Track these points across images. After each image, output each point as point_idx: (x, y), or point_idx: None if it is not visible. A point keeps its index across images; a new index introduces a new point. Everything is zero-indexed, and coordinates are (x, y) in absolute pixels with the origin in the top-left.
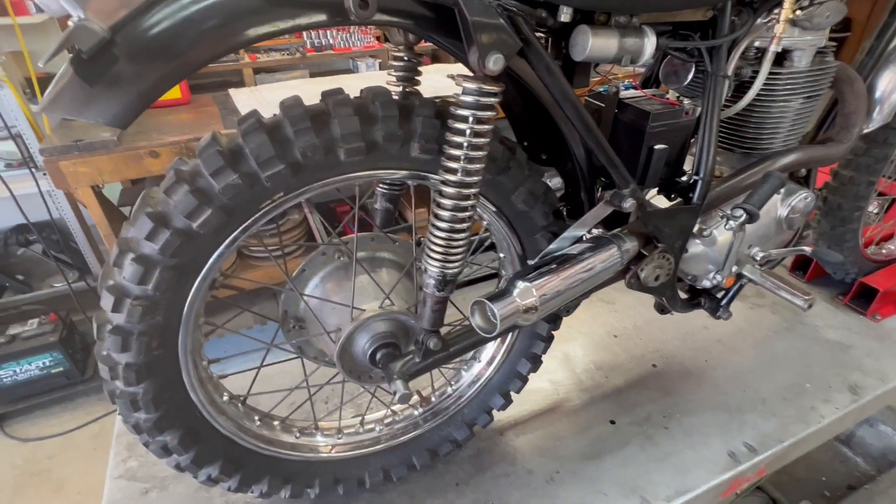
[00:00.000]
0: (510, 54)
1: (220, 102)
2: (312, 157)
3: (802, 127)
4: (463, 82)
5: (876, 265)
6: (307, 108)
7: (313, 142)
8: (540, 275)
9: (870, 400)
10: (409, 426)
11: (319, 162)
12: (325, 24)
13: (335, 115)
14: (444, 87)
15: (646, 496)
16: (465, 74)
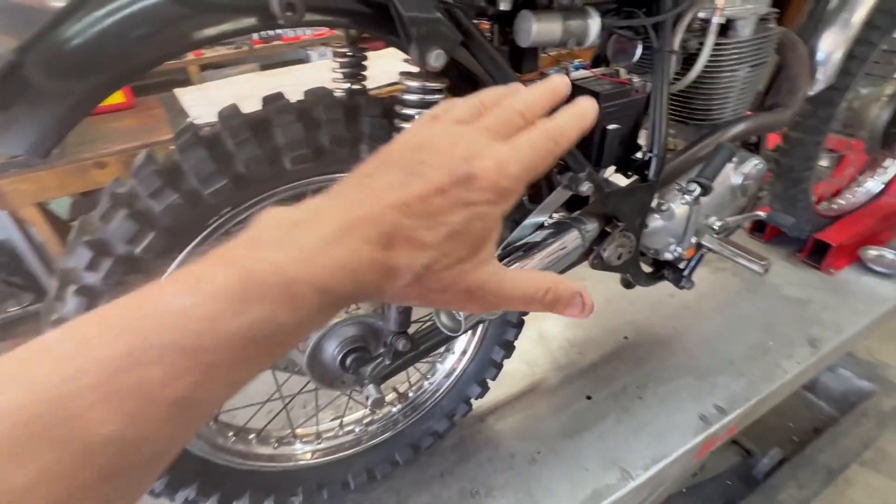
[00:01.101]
0: (451, 48)
1: (167, 104)
2: (257, 168)
3: (750, 95)
4: (406, 81)
5: (828, 220)
6: (247, 117)
7: (256, 153)
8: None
9: (828, 351)
10: (389, 424)
11: (265, 173)
12: (254, 28)
13: (277, 122)
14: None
15: (625, 467)
16: (408, 72)
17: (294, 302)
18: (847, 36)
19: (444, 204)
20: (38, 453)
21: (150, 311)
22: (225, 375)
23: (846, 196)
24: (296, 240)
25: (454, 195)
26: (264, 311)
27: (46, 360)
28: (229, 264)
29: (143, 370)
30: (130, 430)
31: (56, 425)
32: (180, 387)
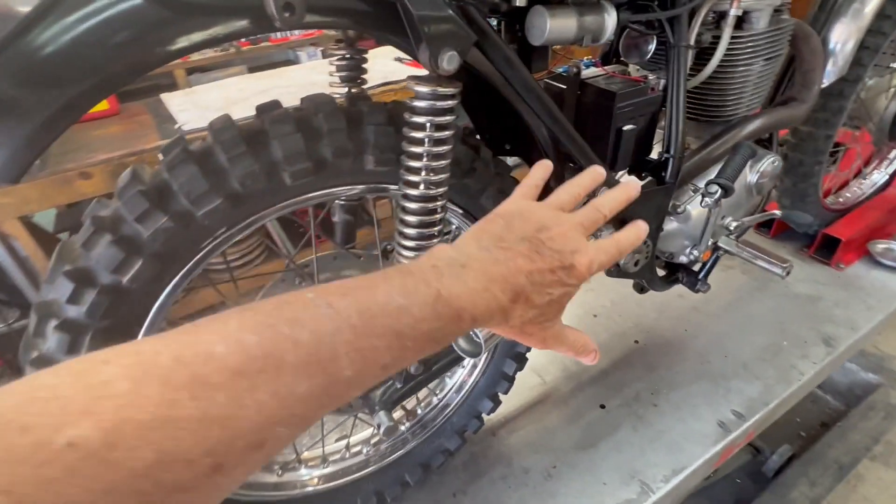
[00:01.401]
0: (465, 49)
1: (153, 110)
2: (253, 185)
3: (764, 90)
4: (415, 86)
5: (835, 214)
6: (241, 128)
7: (252, 168)
8: None
9: (844, 350)
10: (398, 443)
11: (262, 189)
12: (247, 32)
13: (274, 134)
14: (392, 72)
15: (645, 479)
16: (417, 76)
17: (458, 322)
18: (859, 26)
19: (552, 280)
20: (311, 376)
21: (378, 300)
22: (409, 357)
23: (853, 189)
24: (464, 280)
25: (558, 276)
26: (442, 323)
27: (313, 315)
28: (428, 285)
29: (373, 340)
30: (355, 379)
31: (322, 362)
32: (387, 358)
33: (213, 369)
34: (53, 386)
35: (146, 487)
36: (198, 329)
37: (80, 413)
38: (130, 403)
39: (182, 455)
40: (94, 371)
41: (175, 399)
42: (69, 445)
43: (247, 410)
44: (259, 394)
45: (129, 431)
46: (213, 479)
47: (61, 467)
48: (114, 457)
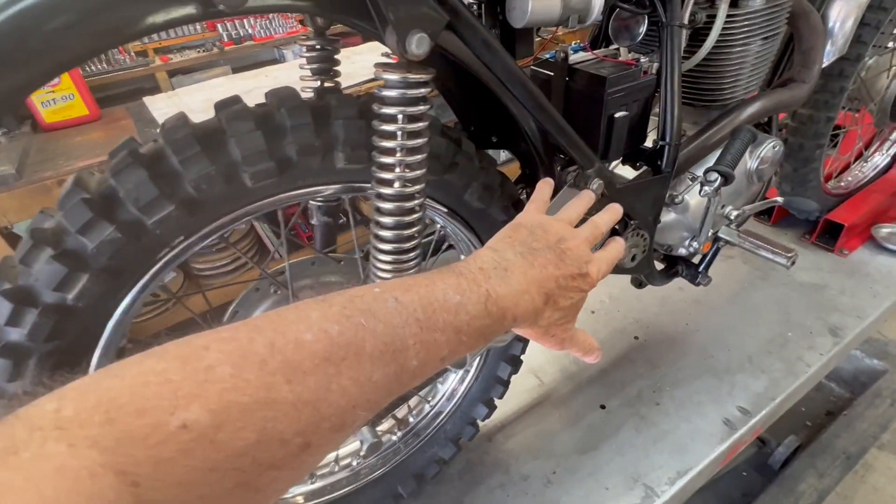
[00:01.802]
0: (436, 31)
1: (135, 114)
2: (210, 189)
3: (762, 71)
4: (383, 73)
5: (837, 199)
6: (195, 128)
7: (207, 171)
8: None
9: (851, 339)
10: (390, 454)
11: (221, 193)
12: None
13: (231, 132)
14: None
15: (649, 483)
16: (385, 63)
17: (502, 321)
18: (860, 2)
19: (573, 285)
20: (385, 364)
21: (437, 297)
22: (462, 351)
23: (854, 172)
24: (508, 282)
25: (577, 282)
26: (491, 320)
27: (382, 308)
28: (479, 285)
29: (434, 334)
30: (419, 369)
31: (394, 352)
32: (445, 350)
33: (304, 356)
34: (162, 371)
35: (245, 465)
36: (283, 317)
37: (190, 396)
38: (234, 387)
39: (278, 435)
40: (197, 356)
41: (272, 383)
42: (183, 427)
43: (332, 395)
44: (343, 379)
45: (234, 413)
46: (301, 457)
47: (176, 448)
48: (220, 437)
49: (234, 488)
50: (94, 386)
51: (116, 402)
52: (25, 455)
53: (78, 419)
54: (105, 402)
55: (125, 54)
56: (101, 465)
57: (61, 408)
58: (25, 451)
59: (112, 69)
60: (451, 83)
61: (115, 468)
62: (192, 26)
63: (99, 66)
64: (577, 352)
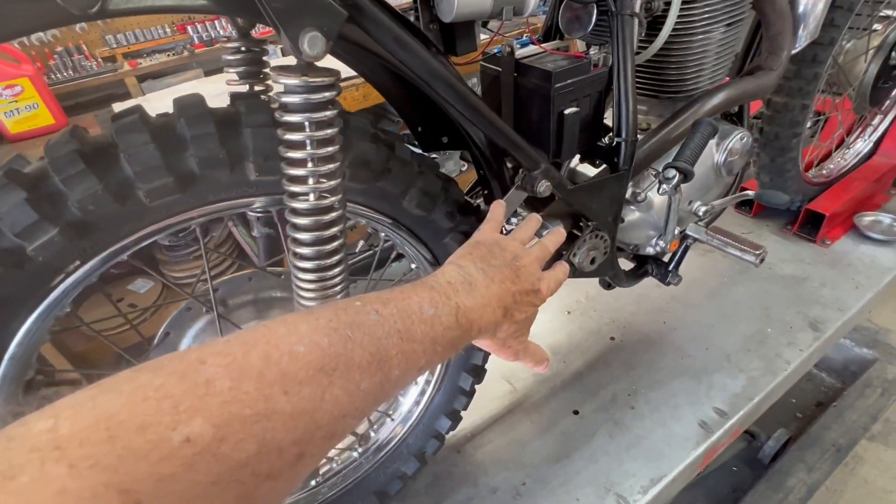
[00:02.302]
0: (332, 29)
1: (104, 122)
2: (99, 210)
3: (728, 59)
4: (280, 77)
5: (818, 188)
6: (84, 143)
7: (94, 190)
8: None
9: (832, 333)
10: (350, 471)
11: (114, 214)
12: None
13: (123, 146)
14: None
15: (621, 492)
16: (281, 66)
17: (469, 332)
18: None
19: (527, 300)
20: (372, 374)
21: (414, 309)
22: (436, 361)
23: (836, 160)
24: (474, 296)
25: (530, 297)
26: (461, 331)
27: (365, 320)
28: (449, 298)
29: (413, 345)
30: (400, 378)
31: (379, 362)
32: (423, 360)
33: (299, 367)
34: (161, 386)
35: (245, 477)
36: (273, 330)
37: (192, 410)
38: (234, 399)
39: (276, 445)
40: (194, 370)
41: (270, 394)
42: (186, 441)
43: (326, 404)
44: (335, 389)
45: (236, 426)
46: (296, 467)
47: (180, 463)
48: (223, 450)
49: (234, 501)
50: (90, 402)
51: (116, 419)
52: (24, 479)
53: (77, 438)
54: (104, 419)
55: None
56: (103, 485)
57: (57, 426)
58: (23, 475)
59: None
60: (389, 82)
61: (118, 487)
62: (161, 28)
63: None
64: (530, 362)
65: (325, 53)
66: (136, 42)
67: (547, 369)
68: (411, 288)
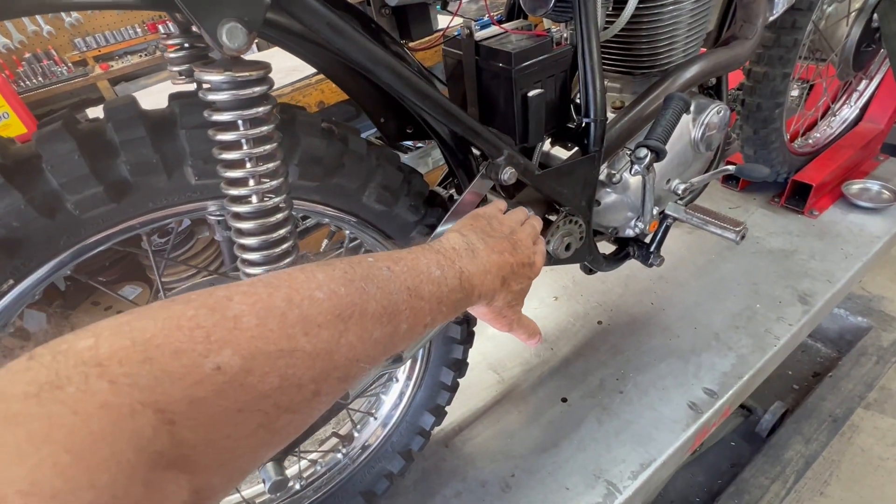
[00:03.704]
0: (255, 18)
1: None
2: (25, 225)
3: (702, 30)
4: (203, 75)
5: (805, 158)
6: (5, 155)
7: (16, 205)
8: None
9: (822, 306)
10: (335, 473)
11: (44, 228)
12: None
13: (46, 157)
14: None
15: (611, 479)
16: (203, 62)
17: (471, 296)
18: None
19: (523, 272)
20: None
21: (422, 270)
22: (439, 320)
23: (822, 128)
24: (476, 262)
25: (526, 270)
26: (464, 294)
27: (378, 275)
28: (453, 263)
29: (421, 302)
30: (408, 332)
31: (390, 314)
32: (428, 318)
33: (318, 311)
34: (193, 317)
35: (267, 408)
36: (293, 276)
37: (222, 342)
38: (260, 336)
39: (296, 381)
40: (223, 306)
41: (292, 334)
42: (217, 369)
43: (342, 348)
44: (350, 335)
45: (260, 360)
46: (312, 402)
47: (211, 388)
48: (249, 381)
49: (256, 429)
50: (127, 326)
51: (153, 343)
52: (70, 390)
53: (116, 357)
54: (141, 342)
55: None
56: (140, 403)
57: (98, 345)
58: (70, 386)
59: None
60: (344, 73)
61: (153, 406)
62: (132, 29)
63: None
64: (523, 335)
65: (248, 46)
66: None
67: (539, 343)
68: (419, 250)
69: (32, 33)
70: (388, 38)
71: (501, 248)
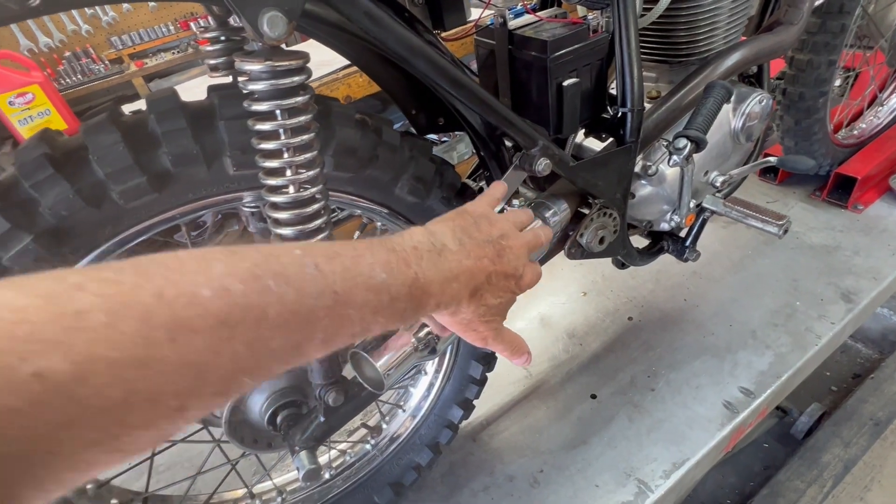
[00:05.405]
0: (295, 8)
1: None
2: (73, 214)
3: (743, 16)
4: (243, 64)
5: (849, 150)
6: (54, 146)
7: (65, 195)
8: None
9: (867, 304)
10: (364, 464)
11: (89, 218)
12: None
13: (93, 148)
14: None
15: (642, 477)
16: (245, 51)
17: (424, 306)
18: None
19: (504, 285)
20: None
21: (362, 271)
22: (375, 330)
23: (868, 119)
24: (439, 267)
25: (509, 283)
26: (413, 304)
27: (299, 273)
28: (409, 266)
29: (350, 310)
30: (324, 342)
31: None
32: (358, 328)
33: (195, 313)
34: (22, 308)
35: (107, 424)
36: (182, 264)
37: (51, 343)
38: (105, 338)
39: (150, 395)
40: (67, 297)
41: (152, 339)
42: (35, 376)
43: (221, 359)
44: (235, 343)
45: (101, 368)
46: (174, 419)
47: (26, 398)
48: (81, 392)
49: (89, 445)
50: None
51: None
52: None
53: None
54: None
55: (100, 62)
56: None
57: None
58: None
59: (87, 80)
60: (377, 65)
61: None
62: (165, 27)
63: (74, 77)
64: (504, 351)
65: (288, 34)
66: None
67: (527, 364)
68: (368, 246)
69: (72, 32)
70: (422, 28)
71: (481, 253)
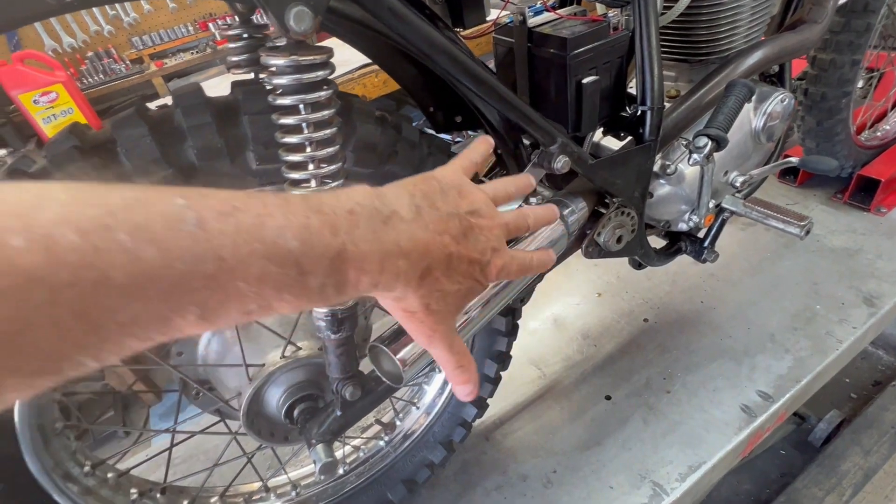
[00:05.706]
0: (320, 3)
1: None
2: None
3: (766, 14)
4: (269, 58)
5: (872, 152)
6: (84, 140)
7: None
8: None
9: (890, 308)
10: (377, 460)
11: None
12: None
13: (121, 142)
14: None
15: (657, 480)
16: (270, 46)
17: (354, 285)
18: None
19: (465, 270)
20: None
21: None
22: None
23: (892, 120)
24: (381, 239)
25: (472, 269)
26: (333, 283)
27: (172, 228)
28: (335, 234)
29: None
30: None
31: (163, 291)
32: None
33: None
34: None
35: None
36: (5, 197)
37: None
38: None
39: None
40: None
41: None
42: None
43: (37, 331)
44: (60, 311)
45: None
46: None
47: None
48: None
49: None
50: None
51: None
52: None
53: None
54: None
55: (121, 62)
56: None
57: None
58: None
59: (109, 79)
60: (395, 62)
61: None
62: (185, 27)
63: (96, 77)
64: (448, 361)
65: (314, 29)
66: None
67: (469, 397)
68: (283, 202)
69: (94, 33)
70: (442, 25)
71: (442, 227)
